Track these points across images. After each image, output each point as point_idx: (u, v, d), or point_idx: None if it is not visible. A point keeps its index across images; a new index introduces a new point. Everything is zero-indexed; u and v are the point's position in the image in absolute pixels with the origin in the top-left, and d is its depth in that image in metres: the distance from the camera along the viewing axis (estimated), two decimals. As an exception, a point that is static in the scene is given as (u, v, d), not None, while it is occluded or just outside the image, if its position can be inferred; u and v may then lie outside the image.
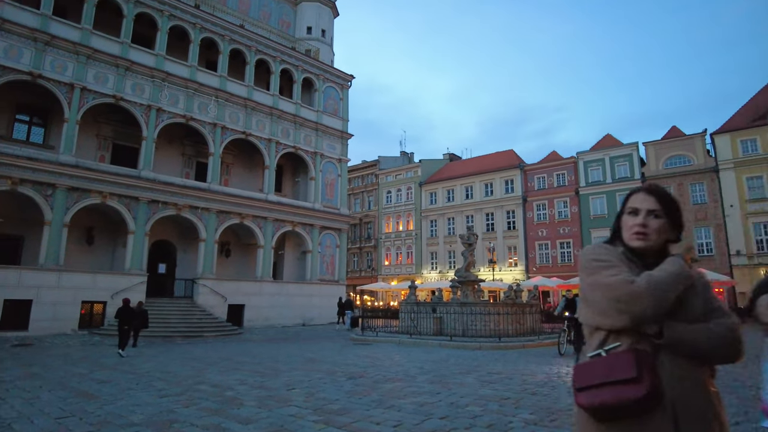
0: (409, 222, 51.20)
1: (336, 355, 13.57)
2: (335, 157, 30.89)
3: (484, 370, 10.18)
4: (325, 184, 30.17)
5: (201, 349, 16.01)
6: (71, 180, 21.31)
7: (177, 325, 21.43)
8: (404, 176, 52.24)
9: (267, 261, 26.92)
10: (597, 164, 41.90)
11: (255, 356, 13.55)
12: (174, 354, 14.44)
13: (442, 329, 18.43)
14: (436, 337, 17.46)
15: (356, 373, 9.85)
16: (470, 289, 19.95)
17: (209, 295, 24.32)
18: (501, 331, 17.31)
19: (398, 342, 17.27)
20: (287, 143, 28.60)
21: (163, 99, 24.44)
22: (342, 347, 16.33)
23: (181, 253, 26.40)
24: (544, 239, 43.12)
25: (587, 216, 41.29)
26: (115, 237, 24.19)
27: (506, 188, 45.50)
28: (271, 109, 27.98)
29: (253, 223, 26.65)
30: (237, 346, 17.09)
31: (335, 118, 31.28)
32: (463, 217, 47.21)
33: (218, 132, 25.98)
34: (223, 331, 22.15)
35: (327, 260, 29.73)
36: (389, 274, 51.18)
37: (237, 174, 28.80)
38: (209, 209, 25.09)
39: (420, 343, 16.66)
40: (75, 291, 20.82)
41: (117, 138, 25.02)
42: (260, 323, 25.92)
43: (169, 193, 23.93)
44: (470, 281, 19.69)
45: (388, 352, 14.23)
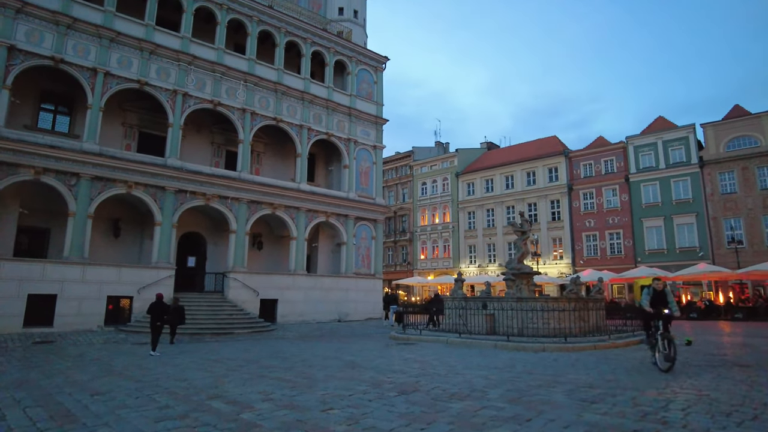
0: (445, 214, 48.86)
1: (378, 358, 11.57)
2: (369, 143, 28.88)
3: (568, 382, 7.97)
4: (360, 173, 28.22)
5: (229, 349, 14.28)
6: (95, 169, 20.00)
7: (206, 321, 19.88)
8: (440, 167, 49.87)
9: (300, 253, 25.19)
10: (649, 149, 38.61)
11: (286, 358, 11.68)
12: (197, 355, 12.73)
13: (495, 327, 16.21)
14: (489, 337, 15.25)
15: (408, 385, 7.80)
16: (525, 283, 17.62)
17: (240, 289, 22.74)
18: (563, 329, 14.97)
19: (446, 342, 15.14)
20: (319, 129, 26.75)
21: (189, 83, 22.93)
22: (383, 347, 14.33)
23: (211, 246, 24.94)
24: (591, 230, 40.13)
25: (638, 205, 38.09)
26: (142, 229, 22.88)
27: (550, 176, 42.61)
28: (303, 94, 26.16)
29: (285, 214, 24.94)
30: (268, 346, 15.32)
31: (369, 103, 29.25)
32: (504, 208, 44.56)
33: (248, 118, 24.33)
34: (254, 328, 20.51)
35: (362, 253, 27.81)
36: (425, 268, 49.02)
37: (268, 163, 27.15)
38: (239, 199, 23.49)
39: (472, 344, 14.49)
40: (100, 285, 19.52)
41: (143, 126, 23.69)
42: (294, 319, 24.22)
43: (197, 183, 22.42)
44: (524, 274, 17.36)
45: (438, 355, 12.14)
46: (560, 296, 15.80)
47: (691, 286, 35.45)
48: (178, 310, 17.67)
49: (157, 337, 13.64)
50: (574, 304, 15.72)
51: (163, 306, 14.61)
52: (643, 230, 37.89)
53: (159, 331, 13.86)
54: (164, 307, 14.59)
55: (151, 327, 13.85)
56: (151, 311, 14.12)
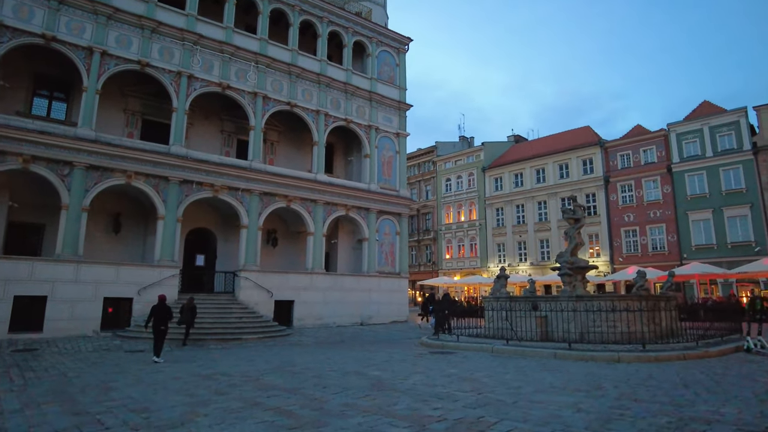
0: (471, 211, 45.85)
1: (412, 374, 8.87)
2: (392, 131, 26.21)
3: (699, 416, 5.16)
4: (382, 162, 25.56)
5: (230, 359, 11.76)
6: (90, 157, 17.78)
7: (211, 325, 17.46)
8: (465, 161, 46.92)
9: (318, 250, 22.65)
10: (693, 136, 35.05)
11: (295, 374, 9.06)
12: (189, 367, 10.22)
13: (549, 332, 13.36)
14: (544, 345, 12.41)
15: (468, 425, 5.09)
16: (579, 279, 14.74)
17: (252, 289, 20.29)
18: (634, 333, 12.06)
19: (491, 350, 12.34)
20: (337, 115, 24.19)
21: (195, 65, 20.64)
22: (415, 358, 11.61)
23: (221, 243, 22.58)
24: (631, 225, 36.69)
25: (683, 196, 34.54)
26: (146, 225, 20.61)
27: (584, 169, 39.29)
28: (319, 77, 23.66)
29: (301, 207, 22.42)
30: (278, 355, 12.76)
31: (391, 87, 26.58)
32: (535, 204, 41.37)
33: (259, 102, 21.93)
34: (267, 333, 18.01)
35: (386, 249, 25.12)
36: (451, 268, 46.06)
37: (282, 153, 24.71)
38: (251, 191, 21.07)
39: (524, 353, 11.67)
40: (96, 286, 17.26)
41: (147, 113, 21.47)
42: (312, 322, 21.66)
43: (204, 172, 20.07)
44: (579, 268, 14.46)
45: (488, 369, 9.37)
46: (628, 294, 12.91)
47: (746, 284, 31.88)
48: (193, 310, 16.02)
49: (160, 343, 11.99)
50: (646, 303, 12.79)
51: (166, 309, 12.49)
52: (689, 224, 34.35)
53: (162, 336, 12.13)
54: (167, 310, 12.49)
55: (154, 332, 12.09)
56: (153, 315, 12.22)
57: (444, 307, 17.43)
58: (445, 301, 19.47)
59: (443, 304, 18.06)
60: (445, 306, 17.68)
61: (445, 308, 16.99)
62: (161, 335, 12.21)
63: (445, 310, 16.61)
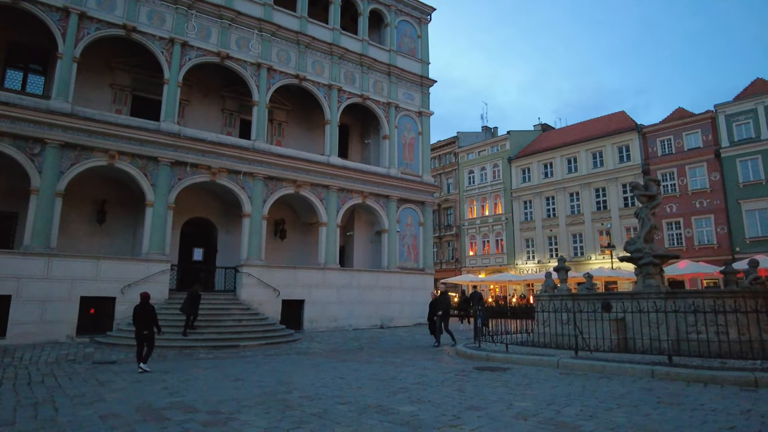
0: (496, 205, 42.44)
1: (464, 410, 5.71)
2: (414, 109, 23.06)
3: None
4: (402, 145, 22.42)
5: (209, 379, 8.76)
6: (65, 133, 15.05)
7: (205, 329, 14.55)
8: (489, 152, 43.52)
9: (332, 243, 19.63)
10: (746, 117, 31.19)
11: (287, 409, 5.98)
12: (141, 394, 7.23)
13: (628, 340, 10.11)
14: (624, 357, 9.16)
15: None
16: (656, 272, 11.43)
17: (256, 287, 17.36)
18: (751, 343, 8.75)
19: (557, 365, 9.13)
20: (352, 91, 21.13)
21: (189, 31, 17.81)
22: (459, 377, 8.45)
23: (223, 235, 19.72)
24: (674, 216, 32.92)
25: (734, 184, 30.71)
26: (135, 214, 17.80)
27: (620, 156, 35.62)
28: (331, 47, 20.64)
29: (311, 193, 19.43)
30: (275, 370, 9.72)
31: (412, 60, 23.43)
32: (566, 195, 37.80)
33: (263, 75, 19.01)
34: (270, 338, 15.02)
35: (408, 242, 21.99)
36: (475, 265, 42.71)
37: (291, 135, 21.75)
38: (254, 174, 18.16)
39: (605, 369, 8.43)
40: (71, 283, 14.50)
41: (137, 88, 18.74)
42: (324, 324, 18.65)
43: (199, 153, 17.24)
44: (660, 257, 11.13)
45: (573, 399, 6.18)
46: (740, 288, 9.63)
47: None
48: (193, 298, 14.05)
49: (142, 348, 9.68)
50: (763, 301, 9.45)
51: (149, 310, 9.86)
52: (742, 214, 30.52)
53: (145, 341, 9.74)
54: (150, 312, 9.86)
55: (136, 336, 9.75)
56: (135, 316, 9.83)
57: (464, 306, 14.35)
58: (477, 300, 16.33)
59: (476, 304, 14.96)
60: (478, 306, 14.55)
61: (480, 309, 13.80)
62: (142, 341, 9.66)
63: (483, 310, 13.40)
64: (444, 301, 14.75)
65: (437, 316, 14.36)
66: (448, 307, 15.14)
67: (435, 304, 14.71)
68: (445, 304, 14.77)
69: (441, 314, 14.31)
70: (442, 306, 14.54)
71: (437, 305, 14.59)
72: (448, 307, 15.14)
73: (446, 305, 14.82)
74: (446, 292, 16.32)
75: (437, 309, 14.46)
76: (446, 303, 14.86)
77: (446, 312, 14.66)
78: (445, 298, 14.93)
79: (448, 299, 15.18)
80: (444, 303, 14.70)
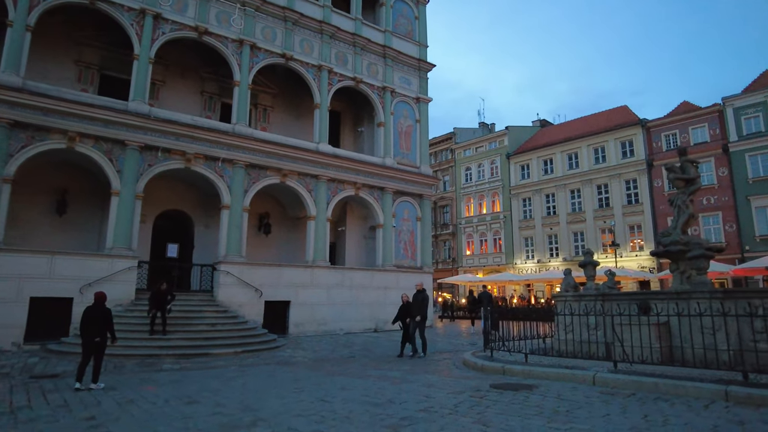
0: (494, 202, 40.68)
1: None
2: (411, 95, 21.19)
3: None
4: (399, 133, 20.55)
5: (160, 398, 6.82)
6: (14, 111, 13.02)
7: (173, 334, 12.58)
8: (486, 148, 41.77)
9: (321, 239, 17.72)
10: (755, 110, 29.68)
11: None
12: (67, 422, 5.32)
13: (674, 349, 8.30)
14: (677, 371, 7.34)
15: None
16: (691, 266, 9.64)
17: (235, 287, 15.41)
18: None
19: (593, 381, 7.29)
20: (344, 73, 19.24)
21: (163, 2, 15.83)
22: (474, 399, 6.56)
23: (201, 230, 17.76)
24: (680, 214, 31.20)
25: (743, 180, 29.15)
26: (102, 205, 15.81)
27: (624, 152, 33.99)
28: (321, 24, 18.75)
29: (299, 184, 17.51)
30: (243, 388, 7.79)
31: (409, 42, 21.57)
32: (567, 192, 36.10)
33: (246, 53, 17.09)
34: (249, 345, 13.06)
35: (405, 238, 20.11)
36: (472, 265, 40.92)
37: (278, 121, 19.80)
38: (234, 161, 16.22)
39: (657, 388, 6.59)
40: (18, 282, 12.48)
41: (106, 67, 16.75)
42: (312, 328, 16.73)
43: (173, 136, 15.27)
44: (704, 250, 9.33)
45: None
46: None
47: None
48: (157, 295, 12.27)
49: (88, 360, 7.77)
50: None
51: (103, 313, 8.03)
52: (752, 211, 28.97)
53: (94, 351, 7.86)
54: (105, 315, 8.04)
55: (83, 345, 7.88)
56: (84, 321, 7.92)
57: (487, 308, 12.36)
58: (486, 301, 14.46)
59: (486, 305, 13.02)
60: (489, 307, 12.61)
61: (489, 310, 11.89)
62: (89, 351, 7.75)
63: (492, 311, 11.50)
64: (421, 304, 11.96)
65: (413, 321, 11.77)
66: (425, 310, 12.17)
67: (409, 307, 12.05)
68: (424, 308, 12.06)
69: (419, 320, 11.71)
70: (419, 310, 11.83)
71: (413, 308, 11.92)
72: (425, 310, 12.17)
73: (424, 309, 12.06)
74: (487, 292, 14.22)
75: (414, 313, 11.80)
76: (424, 306, 12.06)
77: (424, 317, 12.05)
78: (423, 299, 12.06)
79: (426, 300, 12.24)
80: (420, 306, 11.92)
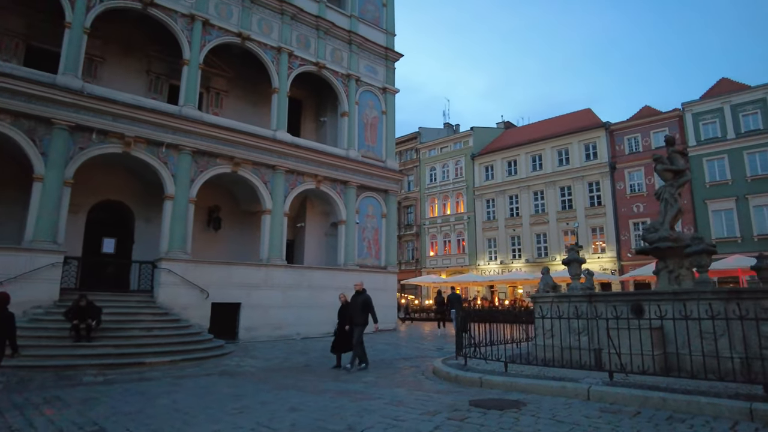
0: (458, 203, 40.00)
1: None
2: (377, 85, 19.99)
3: None
4: (364, 124, 19.30)
5: (56, 425, 5.27)
6: None
7: (100, 341, 10.82)
8: (451, 148, 41.08)
9: (278, 235, 16.22)
10: (713, 116, 30.20)
11: None
12: None
13: (668, 356, 7.37)
14: (680, 383, 6.36)
15: None
16: (684, 267, 8.84)
17: (178, 287, 13.70)
18: None
19: (588, 395, 6.23)
20: (306, 57, 17.83)
21: (101, -33, 14.07)
22: (451, 420, 5.33)
23: (142, 223, 15.91)
24: (640, 216, 31.49)
25: (701, 184, 29.52)
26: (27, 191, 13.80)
27: (587, 154, 33.95)
28: (282, 4, 17.25)
29: (253, 175, 15.95)
30: (169, 408, 6.26)
31: (376, 30, 20.36)
32: (530, 194, 35.79)
33: (197, 30, 15.43)
34: (190, 352, 11.44)
35: (369, 236, 18.85)
36: (435, 266, 40.08)
37: (232, 107, 18.14)
38: (180, 147, 14.51)
39: (665, 404, 5.57)
40: None
41: (33, 37, 14.72)
42: (266, 333, 15.19)
43: (109, 116, 13.45)
44: (706, 245, 8.50)
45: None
46: None
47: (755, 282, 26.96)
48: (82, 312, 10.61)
49: None
50: None
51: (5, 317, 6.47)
52: (708, 214, 29.40)
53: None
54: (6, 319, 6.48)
55: None
56: None
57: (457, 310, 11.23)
58: (455, 302, 13.35)
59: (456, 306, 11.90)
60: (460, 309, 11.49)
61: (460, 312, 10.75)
62: None
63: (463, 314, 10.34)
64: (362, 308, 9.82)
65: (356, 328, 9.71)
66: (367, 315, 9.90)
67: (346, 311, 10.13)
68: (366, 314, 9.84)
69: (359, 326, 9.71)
70: (361, 316, 9.74)
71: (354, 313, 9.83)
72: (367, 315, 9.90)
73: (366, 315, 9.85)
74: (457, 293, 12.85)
75: (356, 320, 9.72)
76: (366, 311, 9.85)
77: (364, 322, 9.87)
78: (365, 302, 9.89)
79: (368, 303, 9.93)
80: (362, 311, 9.79)
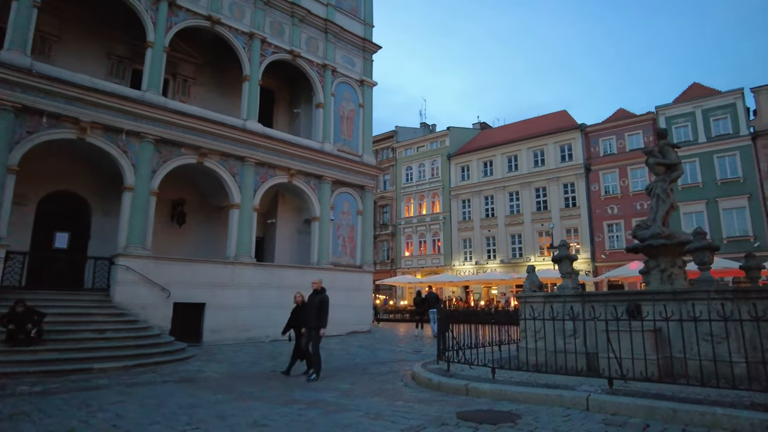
0: (434, 203, 39.54)
1: None
2: (354, 77, 19.18)
3: None
4: (340, 117, 18.47)
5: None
6: None
7: (43, 345, 9.69)
8: (428, 148, 40.60)
9: (246, 231, 15.22)
10: (685, 120, 30.59)
11: None
12: None
13: (669, 360, 6.82)
14: (686, 390, 5.80)
15: None
16: (677, 265, 8.39)
17: (137, 285, 12.60)
18: None
19: (587, 404, 5.60)
20: (280, 45, 16.90)
21: (55, -64, 12.88)
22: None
23: (99, 217, 14.69)
24: (615, 218, 31.65)
25: (674, 186, 29.74)
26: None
27: (562, 156, 33.95)
28: (255, -12, 16.38)
29: (221, 166, 14.93)
30: (109, 424, 5.38)
31: (354, 20, 19.56)
32: (506, 194, 35.58)
33: (163, 10, 14.33)
34: (146, 356, 10.40)
35: (344, 234, 18.02)
36: (410, 266, 39.50)
37: (200, 96, 17.05)
38: (141, 134, 13.39)
39: (675, 415, 4.97)
40: None
41: (-22, 11, 13.43)
42: (232, 336, 14.19)
43: (64, 99, 12.26)
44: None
45: None
46: None
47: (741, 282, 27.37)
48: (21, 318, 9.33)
49: None
50: None
51: None
52: (680, 217, 29.62)
53: None
54: None
55: None
56: None
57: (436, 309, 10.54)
58: (434, 302, 12.68)
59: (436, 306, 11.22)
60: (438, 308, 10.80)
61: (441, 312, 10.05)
62: None
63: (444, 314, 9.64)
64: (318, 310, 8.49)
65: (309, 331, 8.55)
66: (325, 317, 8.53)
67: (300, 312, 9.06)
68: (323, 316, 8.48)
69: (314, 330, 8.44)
70: (316, 319, 8.42)
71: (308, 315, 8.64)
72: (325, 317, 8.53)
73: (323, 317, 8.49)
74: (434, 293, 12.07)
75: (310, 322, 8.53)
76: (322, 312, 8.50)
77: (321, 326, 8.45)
78: (321, 303, 8.54)
79: (325, 304, 8.59)
80: (318, 313, 8.46)
